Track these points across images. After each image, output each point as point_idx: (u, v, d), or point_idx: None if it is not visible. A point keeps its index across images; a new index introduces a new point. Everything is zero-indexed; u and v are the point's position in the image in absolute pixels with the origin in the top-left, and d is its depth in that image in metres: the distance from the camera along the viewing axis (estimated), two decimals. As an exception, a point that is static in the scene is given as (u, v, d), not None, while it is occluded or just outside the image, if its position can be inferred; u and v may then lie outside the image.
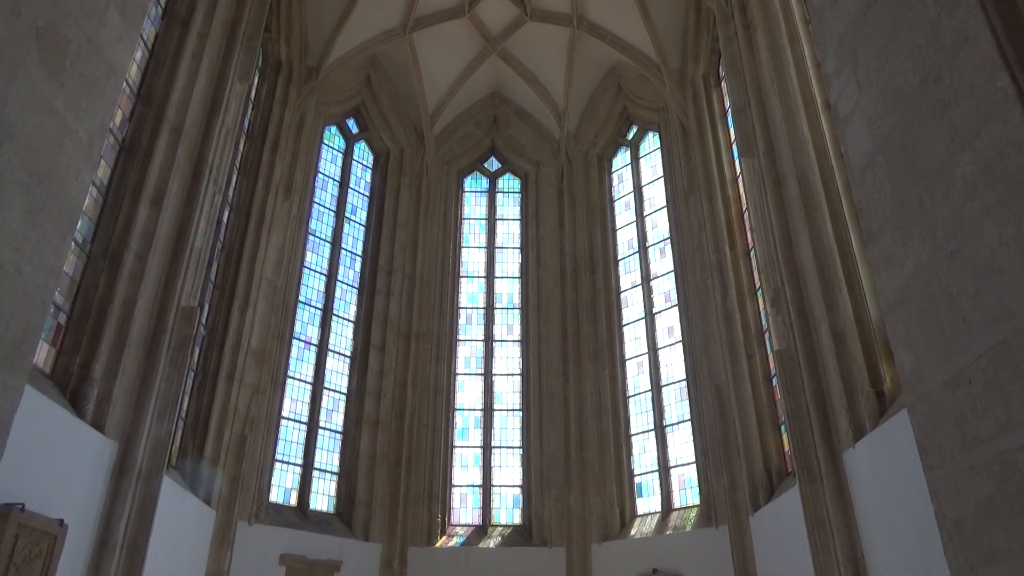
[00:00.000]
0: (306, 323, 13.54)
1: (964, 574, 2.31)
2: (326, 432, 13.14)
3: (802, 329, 7.97)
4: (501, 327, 15.50)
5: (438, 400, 14.14)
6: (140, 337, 7.88)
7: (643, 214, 15.11)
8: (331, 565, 11.61)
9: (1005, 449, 2.12)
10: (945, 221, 2.34)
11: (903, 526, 6.25)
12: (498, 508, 13.83)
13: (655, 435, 13.24)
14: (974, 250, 2.20)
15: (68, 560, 6.46)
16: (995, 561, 2.15)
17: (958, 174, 2.25)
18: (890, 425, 6.50)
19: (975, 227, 2.19)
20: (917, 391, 2.59)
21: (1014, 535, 2.09)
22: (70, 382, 7.18)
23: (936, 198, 2.38)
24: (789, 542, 8.72)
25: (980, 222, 2.16)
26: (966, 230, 2.23)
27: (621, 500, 13.00)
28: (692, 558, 11.31)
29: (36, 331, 2.58)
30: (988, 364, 2.19)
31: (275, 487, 12.05)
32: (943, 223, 2.36)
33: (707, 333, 12.18)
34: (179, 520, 9.14)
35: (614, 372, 14.02)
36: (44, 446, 6.33)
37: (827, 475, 7.33)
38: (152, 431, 7.69)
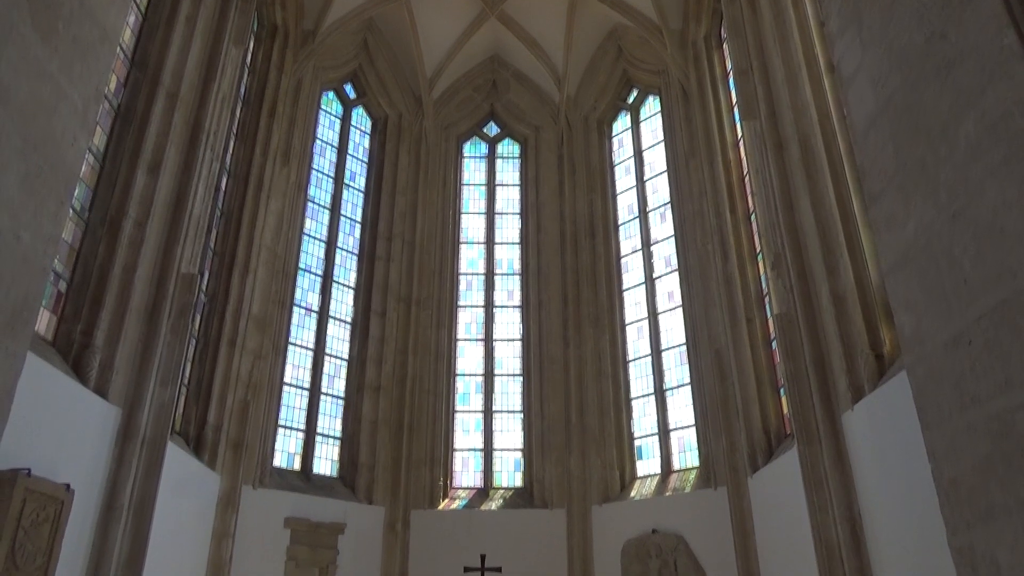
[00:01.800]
0: (306, 290, 13.56)
1: (960, 531, 2.34)
2: (328, 398, 13.24)
3: (802, 293, 7.98)
4: (501, 293, 15.52)
5: (439, 365, 14.22)
6: (141, 304, 7.90)
7: (643, 179, 15.03)
8: (335, 527, 11.78)
9: (1003, 408, 2.14)
10: (948, 182, 2.33)
11: (900, 486, 6.33)
12: (499, 471, 13.99)
13: (655, 399, 13.34)
14: (977, 211, 2.19)
15: (76, 524, 6.56)
16: (991, 518, 2.18)
17: (962, 134, 2.23)
18: (889, 387, 6.55)
19: (978, 188, 2.18)
20: (917, 352, 2.60)
21: (1010, 492, 2.12)
22: (72, 349, 7.21)
23: (939, 159, 2.37)
24: (787, 503, 8.84)
25: (983, 182, 2.15)
26: (969, 191, 2.22)
27: (621, 463, 13.15)
28: (691, 519, 11.48)
29: (37, 298, 2.58)
30: (988, 325, 2.20)
31: (279, 452, 12.18)
32: (946, 184, 2.35)
33: (707, 297, 12.21)
34: (184, 484, 9.25)
35: (614, 337, 14.08)
36: (48, 412, 6.38)
37: (825, 436, 7.40)
38: (155, 397, 7.75)
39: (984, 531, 2.21)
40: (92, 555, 6.90)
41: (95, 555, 6.91)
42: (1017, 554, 2.07)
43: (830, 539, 7.16)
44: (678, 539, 11.41)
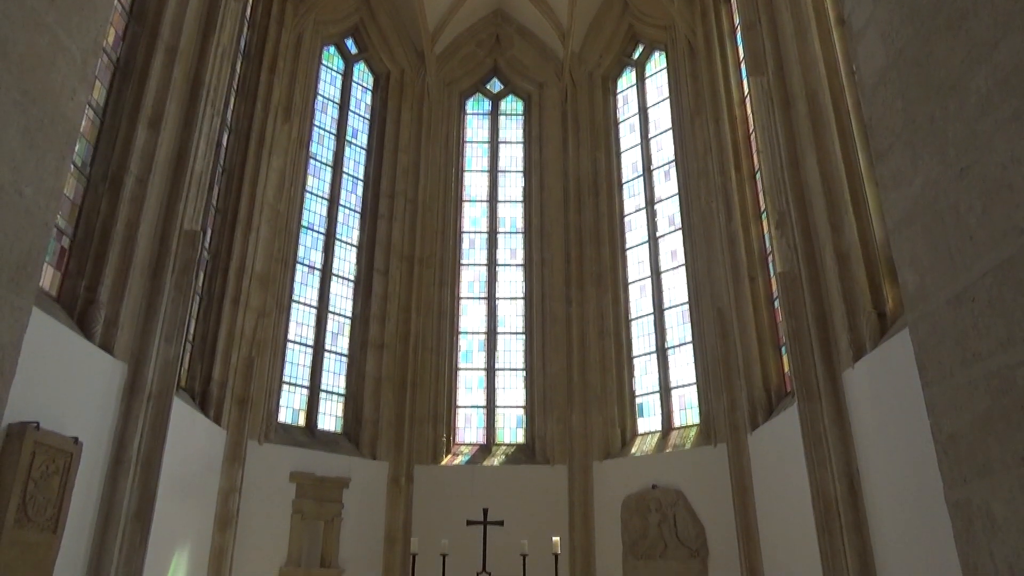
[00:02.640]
0: (309, 247, 13.55)
1: (957, 486, 2.37)
2: (332, 355, 13.33)
3: (806, 251, 7.96)
4: (504, 251, 15.50)
5: (442, 324, 14.28)
6: (144, 261, 7.91)
7: (648, 136, 14.88)
8: (340, 482, 11.97)
9: (1004, 365, 2.14)
10: (957, 137, 2.30)
11: (898, 442, 6.40)
12: (502, 428, 14.14)
13: (656, 357, 13.42)
14: (985, 167, 2.17)
15: (85, 476, 6.67)
16: (988, 473, 2.20)
17: (972, 88, 2.20)
18: (890, 345, 6.57)
19: (987, 143, 2.16)
20: (920, 309, 2.60)
21: (1008, 447, 2.14)
22: (77, 305, 7.25)
23: (949, 114, 2.34)
24: (786, 459, 8.95)
25: (992, 138, 2.12)
26: (978, 146, 2.20)
27: (622, 420, 13.29)
28: (691, 475, 11.64)
29: (40, 253, 2.58)
30: (992, 281, 2.19)
31: (283, 408, 12.31)
32: (954, 140, 2.32)
33: (710, 256, 12.18)
34: (191, 439, 9.38)
35: (616, 295, 14.10)
36: (55, 367, 6.44)
37: (826, 394, 7.46)
38: (160, 353, 7.80)
39: (981, 485, 2.23)
40: (102, 506, 7.03)
41: (105, 506, 7.04)
42: (1013, 507, 2.09)
43: (827, 494, 7.26)
44: (677, 494, 11.58)
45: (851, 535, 6.95)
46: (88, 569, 6.82)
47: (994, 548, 2.16)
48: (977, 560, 2.25)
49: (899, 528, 6.45)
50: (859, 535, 6.93)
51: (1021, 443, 2.05)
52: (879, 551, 6.80)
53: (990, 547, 2.18)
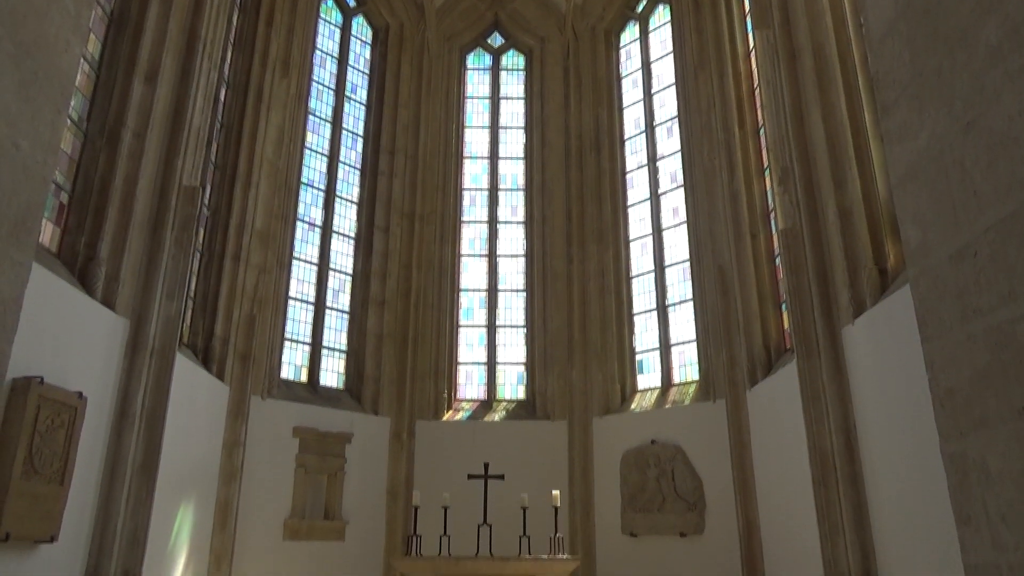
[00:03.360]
0: (309, 204, 13.49)
1: (953, 439, 2.40)
2: (333, 312, 13.38)
3: (808, 207, 7.93)
4: (505, 208, 15.44)
5: (443, 281, 14.30)
6: (144, 217, 7.88)
7: (651, 92, 14.69)
8: (342, 437, 12.12)
9: (1004, 320, 2.15)
10: (964, 90, 2.27)
11: (895, 397, 6.46)
12: (503, 384, 14.26)
13: (657, 314, 13.46)
14: (992, 120, 2.15)
15: (90, 430, 6.75)
16: (984, 426, 2.22)
17: (982, 39, 2.16)
18: (890, 301, 6.59)
19: (995, 95, 2.13)
20: (921, 265, 2.60)
21: (1004, 401, 2.15)
22: (77, 261, 7.25)
23: (957, 65, 2.30)
24: (784, 414, 9.05)
25: (1000, 90, 2.10)
26: (985, 99, 2.17)
27: (622, 376, 13.39)
28: (689, 430, 11.78)
29: (39, 207, 2.57)
30: (996, 236, 2.18)
31: (286, 364, 12.40)
32: (962, 92, 2.29)
33: (712, 214, 12.14)
34: (194, 395, 9.47)
35: (618, 253, 14.09)
36: (57, 323, 6.48)
37: (825, 350, 7.50)
38: (162, 309, 7.83)
39: (977, 438, 2.26)
40: (107, 459, 7.13)
41: (110, 460, 7.14)
42: (1007, 460, 2.12)
43: (824, 448, 7.36)
44: (676, 449, 11.74)
45: (847, 488, 7.06)
46: (96, 520, 6.95)
47: (988, 500, 2.20)
48: (971, 511, 2.29)
49: (894, 481, 6.55)
50: (855, 488, 7.04)
51: (1019, 397, 2.07)
52: (874, 503, 6.92)
53: (984, 499, 2.22)
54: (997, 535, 2.14)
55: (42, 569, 6.20)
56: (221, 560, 10.21)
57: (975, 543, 2.27)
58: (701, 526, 11.25)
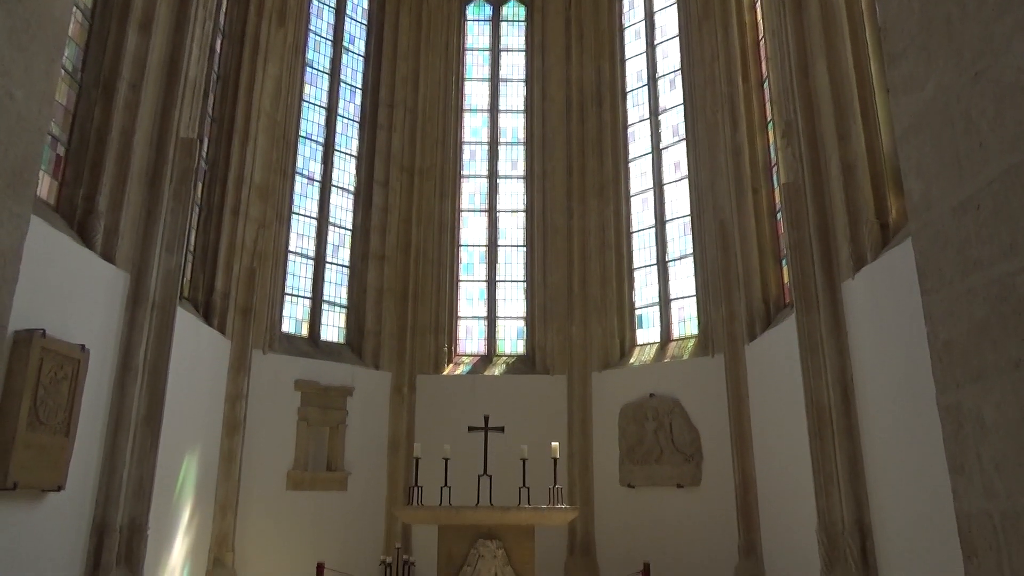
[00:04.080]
0: (308, 158, 13.39)
1: (949, 391, 2.42)
2: (333, 266, 13.38)
3: (811, 161, 7.86)
4: (505, 162, 15.31)
5: (443, 236, 14.26)
6: (141, 169, 7.82)
7: (654, 44, 14.44)
8: (344, 390, 12.23)
9: (1005, 272, 2.15)
10: (973, 39, 2.24)
11: (892, 351, 6.50)
12: (503, 339, 14.33)
13: (657, 269, 13.46)
14: (1000, 70, 2.12)
15: (93, 383, 6.81)
16: (981, 378, 2.24)
17: (992, -14, 2.12)
18: (890, 256, 6.59)
19: (1004, 45, 2.10)
20: (924, 218, 2.59)
21: (1001, 353, 2.17)
22: (76, 214, 7.22)
23: (966, 14, 2.26)
24: (782, 368, 9.12)
25: (1010, 39, 2.06)
26: (994, 48, 2.14)
27: (622, 331, 13.45)
28: (688, 384, 11.88)
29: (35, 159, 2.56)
30: (999, 188, 2.17)
31: (286, 318, 12.45)
32: (970, 42, 2.25)
33: (714, 168, 12.05)
34: (196, 348, 9.53)
35: (618, 208, 14.03)
36: (58, 276, 6.48)
37: (824, 304, 7.52)
38: (162, 263, 7.82)
39: (973, 390, 2.28)
40: (111, 411, 7.21)
41: (114, 411, 7.21)
42: (1002, 411, 2.14)
43: (821, 401, 7.43)
44: (674, 403, 11.86)
45: (842, 439, 7.15)
46: (102, 470, 7.05)
47: (982, 450, 2.23)
48: (964, 461, 2.32)
49: (889, 433, 6.63)
50: (850, 440, 7.13)
51: (1016, 349, 2.08)
52: (868, 455, 7.02)
53: (978, 449, 2.25)
54: (989, 484, 2.18)
55: (51, 517, 6.32)
56: (226, 509, 10.40)
57: (967, 492, 2.31)
58: (698, 477, 11.43)
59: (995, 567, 2.15)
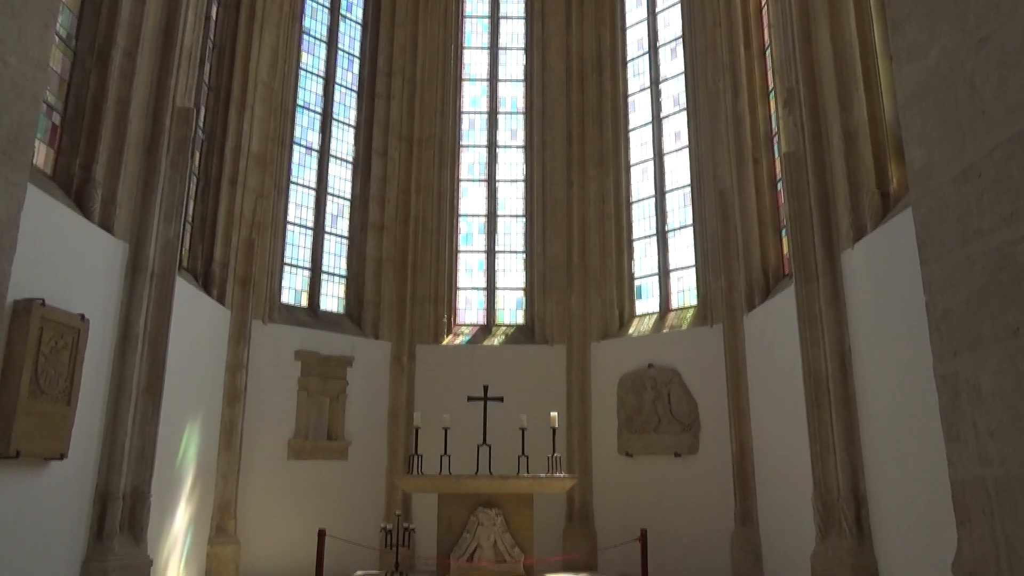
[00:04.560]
0: (306, 128, 13.28)
1: (947, 359, 2.43)
2: (332, 237, 13.35)
3: (813, 130, 7.81)
4: (504, 132, 15.20)
5: (442, 206, 14.21)
6: (138, 138, 7.77)
7: (655, 11, 14.26)
8: (344, 360, 12.28)
9: (1005, 241, 2.15)
10: (978, 4, 2.21)
11: (890, 321, 6.53)
12: (502, 309, 14.36)
13: (656, 240, 13.45)
14: (1005, 36, 2.09)
15: (93, 352, 6.83)
16: (979, 346, 2.25)
17: (999, -51, 2.09)
18: (890, 226, 6.58)
19: (1010, 10, 2.07)
20: (925, 187, 2.58)
21: (999, 322, 2.17)
22: (73, 183, 7.18)
23: (972, -23, 2.23)
24: (780, 338, 9.15)
25: (1016, 4, 2.03)
26: (1000, 14, 2.11)
27: (621, 302, 13.48)
28: (686, 354, 11.93)
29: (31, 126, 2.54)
30: (1002, 157, 2.16)
31: (286, 289, 12.45)
32: (975, 6, 2.22)
33: (715, 138, 11.98)
34: (196, 318, 9.55)
35: (618, 178, 13.97)
36: (56, 246, 6.47)
37: (823, 274, 7.52)
38: (160, 232, 7.80)
39: (970, 358, 2.29)
40: (112, 381, 7.24)
41: (115, 381, 7.24)
42: (999, 379, 2.15)
43: (819, 371, 7.47)
44: (672, 373, 11.92)
45: (839, 409, 7.20)
46: (104, 438, 7.10)
47: (977, 418, 2.24)
48: (960, 429, 2.34)
49: (885, 403, 6.68)
50: (847, 409, 7.18)
51: (1014, 317, 2.08)
52: (864, 424, 7.08)
53: (974, 417, 2.26)
54: (984, 451, 2.20)
55: (54, 485, 6.38)
56: (228, 478, 10.51)
57: (963, 459, 2.33)
58: (695, 446, 11.53)
59: (988, 532, 2.18)
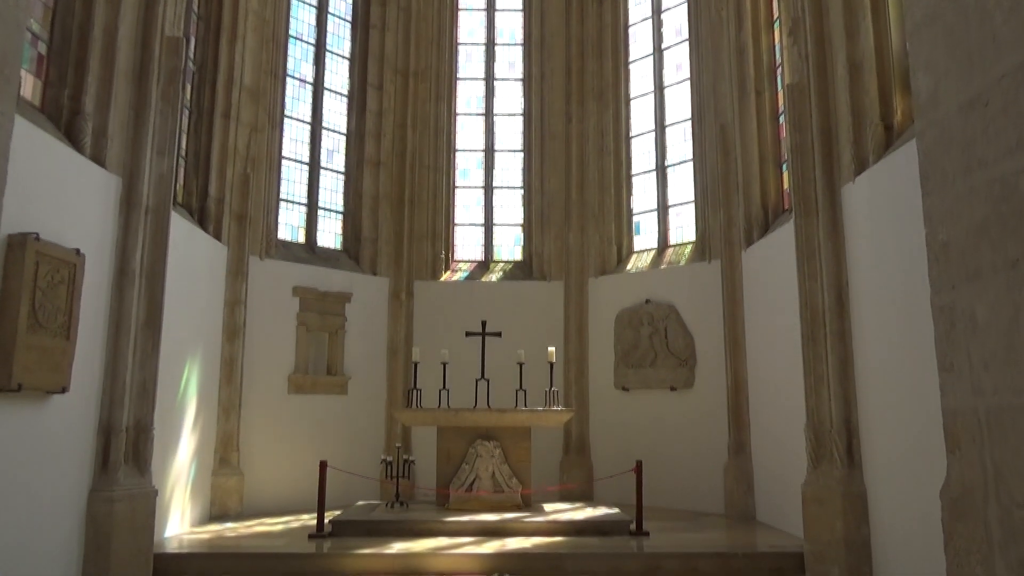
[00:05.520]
0: (299, 60, 12.99)
1: (944, 291, 2.43)
2: (328, 172, 13.21)
3: (817, 60, 7.64)
4: (502, 65, 14.89)
5: (439, 141, 14.02)
6: (127, 68, 7.58)
7: (657, -66, 13.79)
8: (342, 296, 12.32)
9: (1009, 171, 2.13)
10: (994, -78, 2.13)
11: (889, 254, 6.52)
12: (500, 245, 14.33)
13: (656, 175, 13.33)
14: (1020, -45, 2.02)
15: (91, 287, 6.82)
16: (977, 278, 2.25)
17: None
18: (892, 159, 6.51)
19: (1027, -73, 1.99)
20: (930, 116, 2.54)
21: (999, 253, 2.17)
22: (62, 115, 7.04)
23: None
24: (777, 273, 9.17)
25: (1032, -80, 1.96)
26: (1017, -68, 2.04)
27: (619, 237, 13.45)
28: (684, 290, 11.97)
29: (16, 54, 2.47)
30: (1010, 84, 2.12)
31: (283, 225, 12.38)
32: (991, -75, 2.14)
33: (716, 70, 11.75)
34: (192, 254, 9.53)
35: (618, 112, 13.75)
36: (47, 179, 6.39)
37: (823, 209, 7.47)
38: (154, 166, 7.69)
39: (968, 289, 2.29)
40: (111, 316, 7.25)
41: (114, 316, 7.25)
42: (995, 310, 2.16)
43: (816, 305, 7.49)
44: (670, 308, 11.98)
45: (834, 343, 7.26)
46: (105, 373, 7.16)
47: (972, 348, 2.26)
48: (954, 359, 2.36)
49: (880, 335, 6.73)
50: (842, 343, 7.24)
51: (1014, 248, 2.07)
52: (859, 357, 7.15)
53: (968, 347, 2.28)
54: (977, 381, 2.22)
55: (57, 418, 6.47)
56: (229, 412, 10.66)
57: (955, 389, 2.35)
58: (691, 381, 11.68)
59: (977, 459, 2.22)
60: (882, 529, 6.75)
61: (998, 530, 2.11)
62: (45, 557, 6.33)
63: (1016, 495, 2.03)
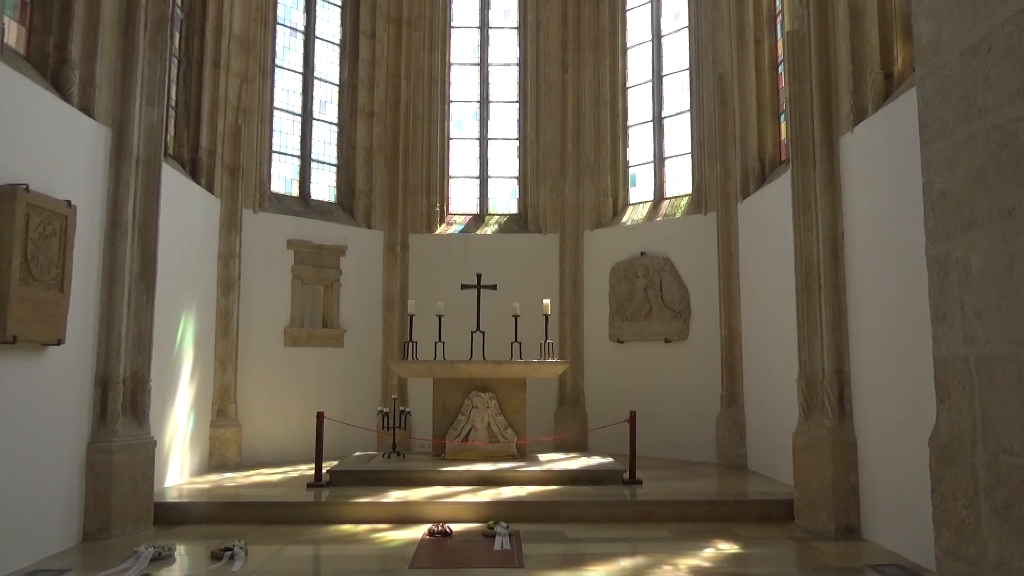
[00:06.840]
0: (289, 7, 12.69)
1: (939, 240, 2.43)
2: (321, 124, 13.03)
3: (818, 8, 7.49)
4: (497, 12, 14.58)
5: (433, 91, 13.81)
6: (113, 16, 7.40)
7: None
8: (336, 249, 12.27)
9: (1008, 118, 2.11)
10: None
11: (885, 204, 6.50)
12: (495, 198, 14.23)
13: (653, 126, 13.19)
14: None
15: (83, 239, 6.78)
16: (972, 226, 2.24)
17: None
18: (891, 108, 6.44)
19: None
20: (931, 63, 2.51)
21: (996, 202, 2.16)
22: (48, 64, 6.89)
23: None
24: (774, 225, 9.15)
25: None
26: None
27: (615, 190, 13.37)
28: (679, 242, 11.96)
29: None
30: (1013, 29, 2.08)
31: (276, 177, 12.26)
32: None
33: (715, 18, 11.53)
34: (185, 206, 9.45)
35: (615, 61, 13.54)
36: (36, 130, 6.28)
37: (820, 159, 7.42)
38: (143, 116, 7.57)
39: (963, 238, 2.29)
40: (104, 268, 7.21)
41: (107, 268, 7.22)
42: (990, 259, 2.16)
43: (811, 257, 7.49)
44: (665, 261, 11.98)
45: (828, 294, 7.28)
46: (100, 324, 7.15)
47: (965, 298, 2.26)
48: (947, 309, 2.36)
49: (874, 287, 6.76)
50: (836, 294, 7.26)
51: (1011, 196, 2.06)
52: (852, 309, 7.18)
53: (962, 297, 2.28)
54: (969, 330, 2.23)
55: (54, 369, 6.48)
56: (226, 364, 10.71)
57: (948, 338, 2.36)
58: (685, 333, 11.75)
59: (966, 407, 2.24)
60: (870, 477, 6.87)
61: (984, 475, 2.15)
62: (47, 507, 6.42)
63: (1003, 441, 2.06)
